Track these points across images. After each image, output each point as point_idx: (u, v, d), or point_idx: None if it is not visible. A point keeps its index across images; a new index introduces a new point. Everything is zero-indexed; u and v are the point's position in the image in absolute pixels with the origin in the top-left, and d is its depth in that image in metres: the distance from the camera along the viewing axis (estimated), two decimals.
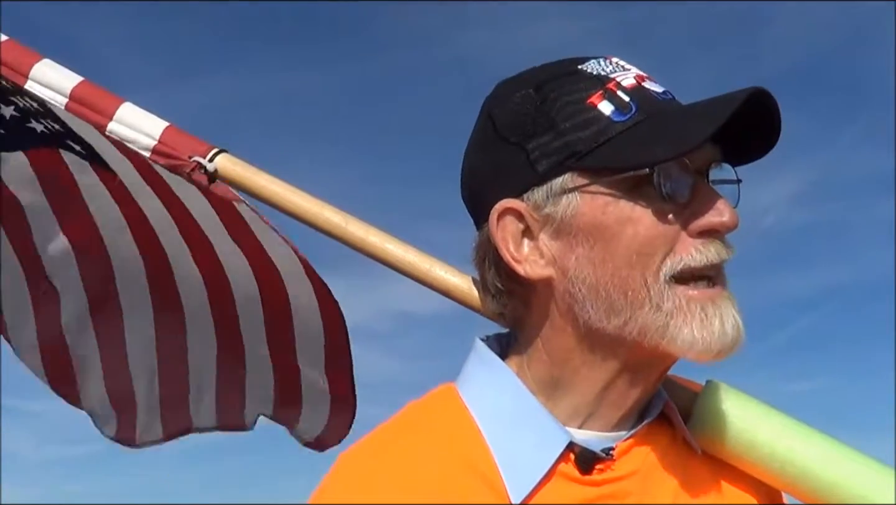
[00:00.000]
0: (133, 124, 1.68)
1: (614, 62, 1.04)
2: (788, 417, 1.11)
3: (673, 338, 0.97)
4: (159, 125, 1.67)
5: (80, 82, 1.75)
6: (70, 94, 1.74)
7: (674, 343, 0.97)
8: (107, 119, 1.70)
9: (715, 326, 0.97)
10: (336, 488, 1.04)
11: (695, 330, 0.97)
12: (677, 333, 0.97)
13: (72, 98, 1.74)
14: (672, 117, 1.00)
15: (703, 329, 0.97)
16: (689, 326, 0.97)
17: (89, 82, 1.76)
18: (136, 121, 1.68)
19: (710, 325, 0.97)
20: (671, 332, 0.97)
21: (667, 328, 0.97)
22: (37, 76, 1.77)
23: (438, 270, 1.33)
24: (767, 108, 1.00)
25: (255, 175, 1.53)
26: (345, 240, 1.41)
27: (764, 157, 1.06)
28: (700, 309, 0.98)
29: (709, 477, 1.09)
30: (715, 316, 0.98)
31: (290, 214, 1.48)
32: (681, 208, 0.99)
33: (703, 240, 0.99)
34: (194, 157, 1.59)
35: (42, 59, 1.79)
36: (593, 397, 1.04)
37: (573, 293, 1.00)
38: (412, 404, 1.11)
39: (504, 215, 1.03)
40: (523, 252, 1.03)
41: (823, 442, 1.09)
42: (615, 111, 0.98)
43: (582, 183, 0.99)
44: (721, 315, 0.98)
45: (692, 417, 1.10)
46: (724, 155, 1.03)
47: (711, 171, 1.03)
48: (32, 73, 1.78)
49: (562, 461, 1.01)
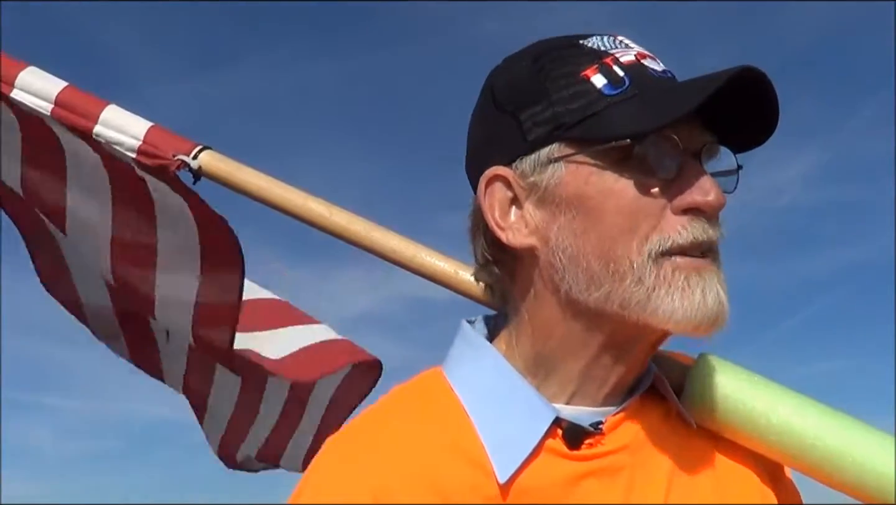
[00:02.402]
0: (118, 126, 1.70)
1: (618, 40, 1.03)
2: (784, 388, 1.09)
3: (654, 309, 0.95)
4: (143, 125, 1.68)
5: (64, 87, 1.77)
6: (55, 99, 1.76)
7: (655, 315, 0.95)
8: (92, 122, 1.72)
9: (696, 296, 0.95)
10: (322, 473, 1.02)
11: (675, 300, 0.95)
12: (659, 303, 0.95)
13: (57, 103, 1.76)
14: (662, 92, 0.98)
15: (684, 299, 0.95)
16: (670, 296, 0.95)
17: (74, 87, 1.78)
18: (121, 122, 1.70)
19: (691, 294, 0.95)
20: (653, 303, 0.95)
21: (648, 300, 0.95)
22: (23, 84, 1.80)
23: (424, 255, 1.34)
24: (763, 89, 0.98)
25: (238, 170, 1.54)
26: (330, 230, 1.42)
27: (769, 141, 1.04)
28: (683, 279, 0.95)
29: (705, 450, 1.07)
30: (697, 287, 0.95)
31: (276, 207, 1.49)
32: (667, 185, 0.97)
33: (688, 217, 0.97)
34: (178, 156, 1.60)
35: (27, 67, 1.82)
36: (578, 372, 1.02)
37: (554, 263, 0.99)
38: (398, 388, 1.10)
39: (492, 182, 1.03)
40: (509, 220, 1.02)
41: (820, 411, 1.07)
42: (607, 84, 0.97)
43: (567, 153, 0.98)
44: (704, 287, 0.96)
45: (685, 390, 1.08)
46: (723, 139, 1.02)
47: (712, 159, 1.01)
48: (18, 82, 1.80)
49: (549, 437, 0.99)
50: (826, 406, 1.08)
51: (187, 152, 1.60)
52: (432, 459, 0.99)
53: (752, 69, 0.95)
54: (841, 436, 1.05)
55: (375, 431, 1.04)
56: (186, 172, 1.61)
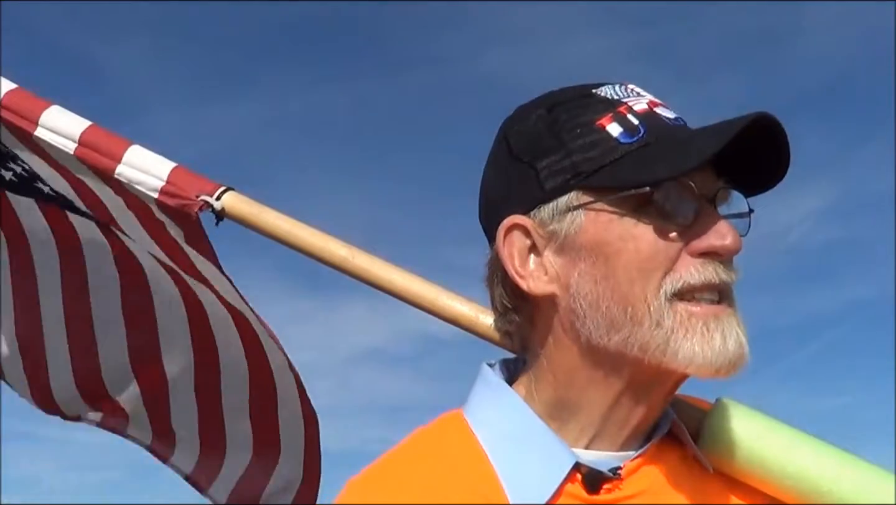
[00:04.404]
0: (141, 166, 1.71)
1: (629, 88, 1.05)
2: (800, 432, 1.10)
3: (674, 353, 0.97)
4: (167, 166, 1.69)
5: (88, 127, 1.78)
6: (79, 139, 1.77)
7: (674, 358, 0.97)
8: (115, 162, 1.73)
9: (716, 341, 0.97)
10: None
11: (695, 345, 0.96)
12: (678, 347, 0.96)
13: (81, 143, 1.77)
14: (677, 140, 1.01)
15: (704, 344, 0.96)
16: (689, 340, 0.96)
17: (98, 126, 1.79)
18: (144, 163, 1.71)
19: (711, 339, 0.97)
20: (672, 347, 0.97)
21: (668, 344, 0.97)
22: (46, 122, 1.80)
23: (444, 298, 1.35)
24: (774, 132, 1.00)
25: (261, 212, 1.55)
26: (351, 272, 1.44)
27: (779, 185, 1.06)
28: (702, 324, 0.97)
29: (721, 495, 1.07)
30: (717, 331, 0.97)
31: (298, 249, 1.50)
32: (683, 230, 0.99)
33: (702, 260, 0.99)
34: (202, 196, 1.61)
35: (51, 106, 1.83)
36: (599, 417, 1.03)
37: (575, 309, 1.01)
38: (419, 430, 1.11)
39: (511, 231, 1.04)
40: (528, 268, 1.04)
41: (837, 456, 1.08)
42: (623, 133, 1.00)
43: (586, 201, 1.00)
44: (723, 331, 0.97)
45: (702, 434, 1.09)
46: (735, 184, 1.04)
47: (725, 203, 1.03)
48: (42, 120, 1.81)
49: (568, 482, 1.01)
50: (842, 450, 1.09)
51: (210, 193, 1.61)
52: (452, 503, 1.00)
53: (766, 116, 0.97)
54: (857, 482, 1.05)
55: (396, 474, 1.06)
56: (209, 213, 1.62)
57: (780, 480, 1.07)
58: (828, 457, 1.07)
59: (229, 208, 1.58)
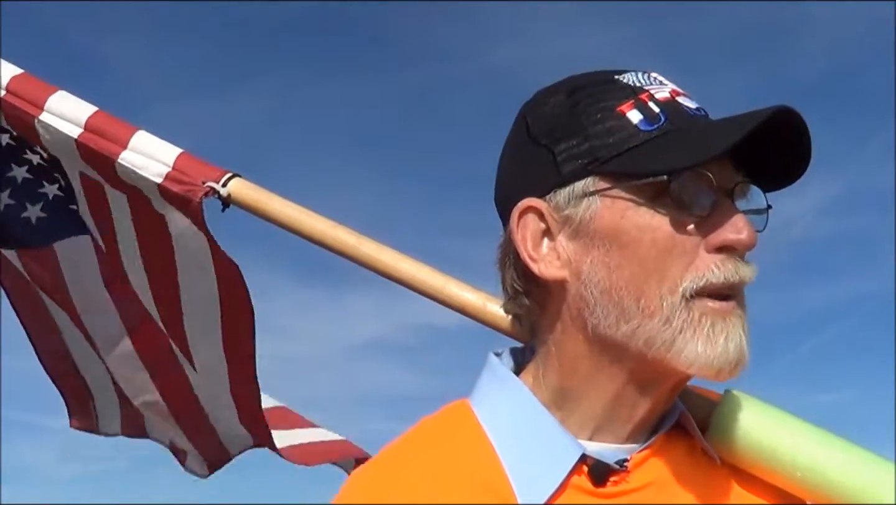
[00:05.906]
0: (147, 152, 1.70)
1: (652, 76, 1.04)
2: (809, 424, 1.09)
3: (678, 352, 0.96)
4: (173, 152, 1.68)
5: (94, 112, 1.77)
6: (85, 124, 1.76)
7: (677, 358, 0.96)
8: (121, 147, 1.72)
9: (719, 343, 0.96)
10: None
11: (699, 346, 0.96)
12: (682, 347, 0.96)
13: (86, 128, 1.76)
14: (697, 130, 1.00)
15: (707, 346, 0.96)
16: (694, 341, 0.96)
17: (103, 112, 1.78)
18: (150, 148, 1.70)
19: (714, 342, 0.96)
20: (677, 346, 0.96)
21: (673, 342, 0.96)
22: (52, 107, 1.80)
23: (452, 287, 1.34)
24: (796, 128, 0.98)
25: (268, 199, 1.54)
26: (359, 260, 1.43)
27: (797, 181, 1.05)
28: (710, 324, 0.97)
29: (729, 487, 1.07)
30: (721, 333, 0.97)
31: (305, 237, 1.49)
32: (700, 221, 0.98)
33: (721, 256, 0.98)
34: (208, 182, 1.61)
35: (57, 91, 1.82)
36: (603, 408, 1.03)
37: (585, 297, 1.00)
38: (425, 420, 1.11)
39: (525, 214, 1.04)
40: (541, 252, 1.03)
41: (846, 448, 1.07)
42: (643, 120, 0.99)
43: (603, 187, 0.99)
44: (727, 333, 0.97)
45: (710, 426, 1.08)
46: (754, 179, 1.03)
47: (743, 198, 1.02)
48: (48, 105, 1.80)
49: (574, 474, 1.00)
50: (851, 443, 1.08)
51: (217, 179, 1.60)
52: (457, 495, 1.00)
53: (789, 110, 0.96)
54: (866, 473, 1.05)
55: (401, 465, 1.06)
56: (214, 200, 1.61)
57: (789, 472, 1.06)
58: (837, 449, 1.07)
59: (236, 194, 1.57)
